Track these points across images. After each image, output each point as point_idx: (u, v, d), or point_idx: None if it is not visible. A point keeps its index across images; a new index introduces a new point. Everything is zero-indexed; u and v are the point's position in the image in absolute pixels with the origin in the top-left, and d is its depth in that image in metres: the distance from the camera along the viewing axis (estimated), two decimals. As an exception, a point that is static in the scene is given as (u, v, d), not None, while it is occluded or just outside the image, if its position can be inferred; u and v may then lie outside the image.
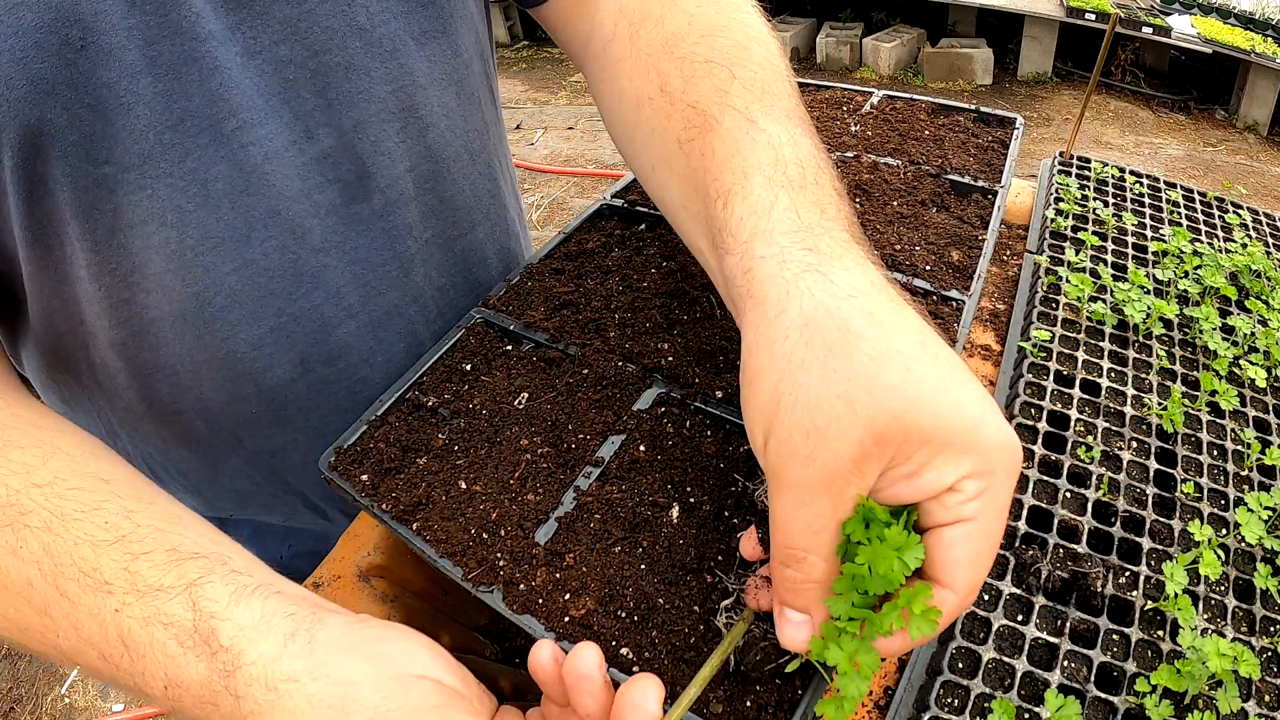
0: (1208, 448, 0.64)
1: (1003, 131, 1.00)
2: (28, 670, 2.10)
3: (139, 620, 0.43)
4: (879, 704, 0.51)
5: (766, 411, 0.40)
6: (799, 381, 0.39)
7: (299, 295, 0.66)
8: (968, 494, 0.39)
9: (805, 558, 0.40)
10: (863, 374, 0.38)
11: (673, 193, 0.56)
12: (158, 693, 0.43)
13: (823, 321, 0.40)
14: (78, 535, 0.45)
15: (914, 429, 0.37)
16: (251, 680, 0.41)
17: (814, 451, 0.38)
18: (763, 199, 0.46)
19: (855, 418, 0.37)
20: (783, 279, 0.42)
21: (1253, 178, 4.26)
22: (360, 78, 0.63)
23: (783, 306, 0.41)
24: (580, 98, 5.50)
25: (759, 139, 0.50)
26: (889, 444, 0.37)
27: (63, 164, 0.52)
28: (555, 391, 0.64)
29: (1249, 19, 4.89)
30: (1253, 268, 0.82)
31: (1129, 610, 0.53)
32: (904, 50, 5.47)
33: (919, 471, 0.38)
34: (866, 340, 0.39)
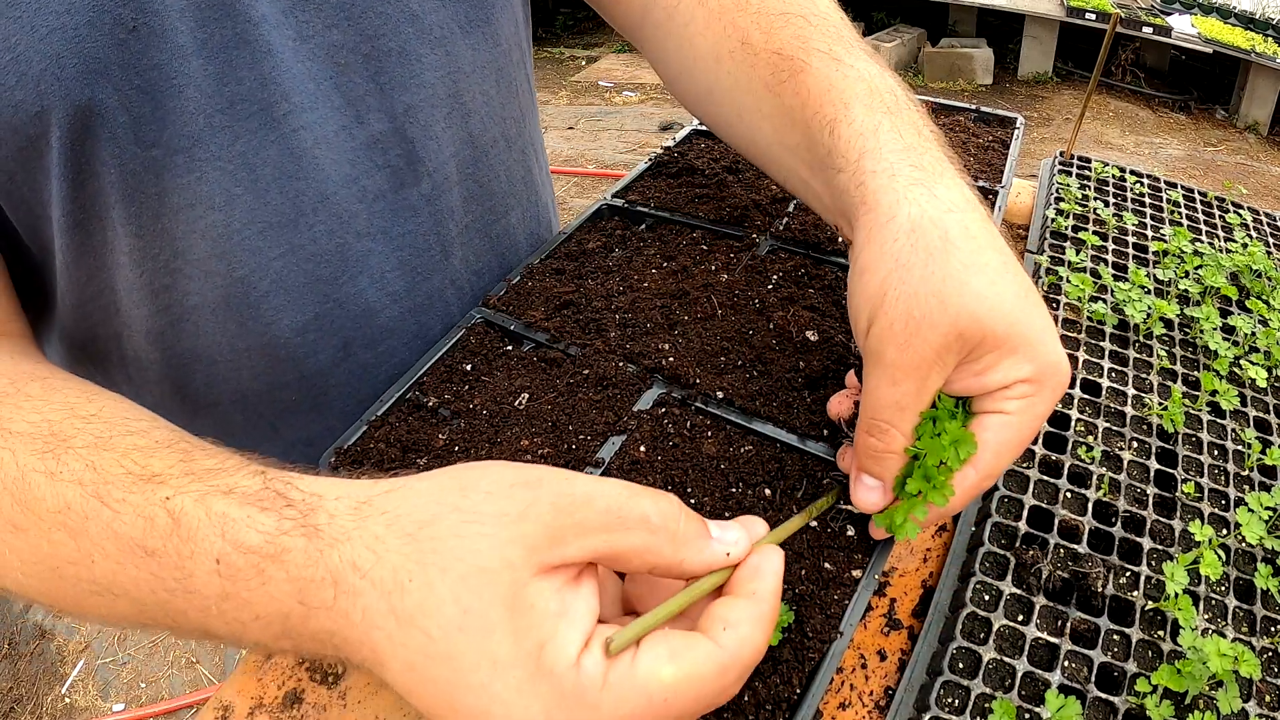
0: (1208, 448, 0.64)
1: (1003, 131, 1.00)
2: (27, 670, 2.10)
3: (194, 497, 0.39)
4: (879, 704, 0.51)
5: (873, 301, 0.46)
6: (903, 278, 0.45)
7: (344, 280, 0.67)
8: (1015, 394, 0.46)
9: (888, 430, 0.46)
10: (956, 278, 0.44)
11: (764, 133, 0.62)
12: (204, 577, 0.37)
13: (927, 229, 0.46)
14: (127, 446, 0.42)
15: (989, 333, 0.44)
16: (336, 512, 0.37)
17: (910, 339, 0.44)
18: (867, 123, 0.52)
19: (945, 314, 0.44)
20: (893, 189, 0.48)
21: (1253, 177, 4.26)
22: (413, 63, 0.64)
23: (893, 213, 0.47)
24: (580, 97, 5.50)
25: (849, 74, 0.56)
26: (969, 342, 0.44)
27: (111, 145, 0.52)
28: (556, 392, 0.64)
29: (1249, 19, 4.89)
30: (1253, 268, 0.82)
31: (1130, 610, 0.53)
32: (904, 50, 5.47)
33: (986, 371, 0.46)
34: (961, 250, 0.45)
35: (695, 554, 0.38)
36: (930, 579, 0.58)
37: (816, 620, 0.48)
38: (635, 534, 0.36)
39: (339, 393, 0.73)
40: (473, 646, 0.33)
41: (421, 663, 0.34)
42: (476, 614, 0.33)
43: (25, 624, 2.21)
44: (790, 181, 0.62)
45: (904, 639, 0.54)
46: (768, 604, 0.38)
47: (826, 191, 0.55)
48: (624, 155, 4.54)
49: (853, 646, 0.54)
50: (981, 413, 0.47)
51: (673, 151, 0.98)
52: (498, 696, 0.33)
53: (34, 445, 0.42)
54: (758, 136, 0.63)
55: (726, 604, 0.38)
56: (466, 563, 0.34)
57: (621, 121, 5.00)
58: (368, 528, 0.36)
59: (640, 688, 0.34)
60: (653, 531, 0.36)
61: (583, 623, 0.35)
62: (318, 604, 0.36)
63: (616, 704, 0.33)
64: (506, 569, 0.34)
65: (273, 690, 0.53)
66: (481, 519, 0.35)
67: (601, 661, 0.34)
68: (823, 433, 0.59)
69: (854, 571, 0.51)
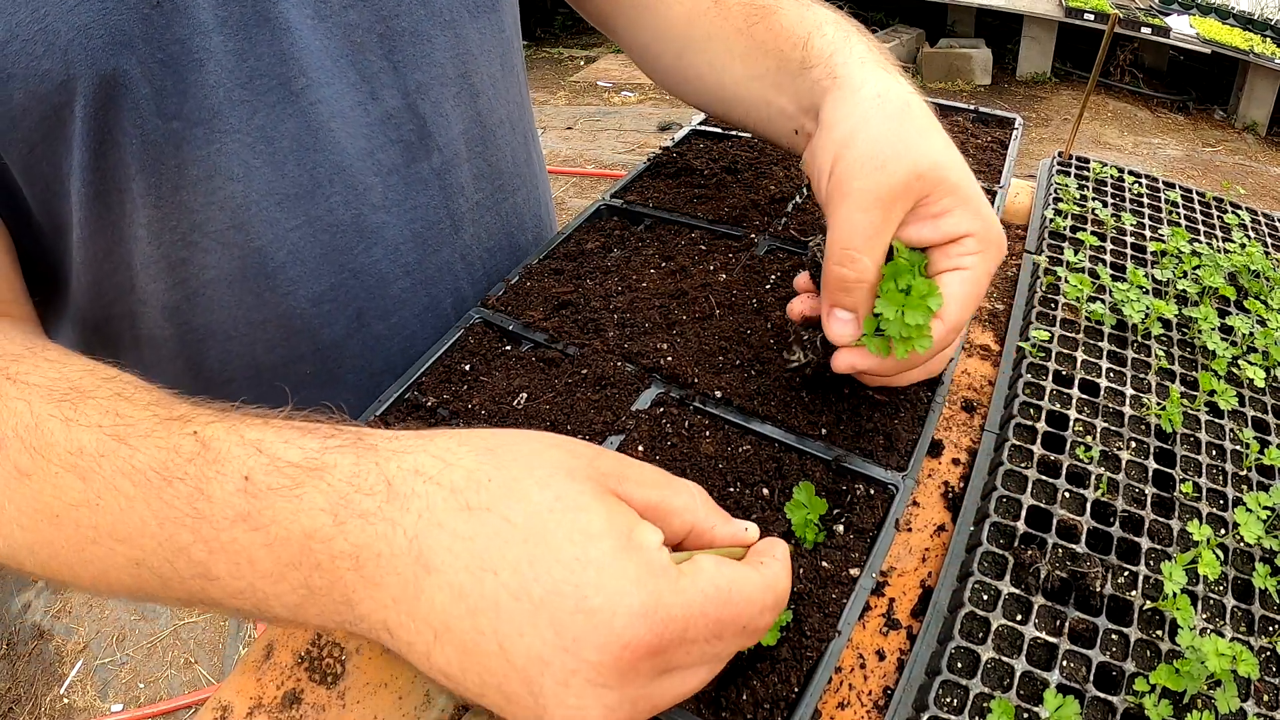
0: (1206, 448, 0.64)
1: (1001, 132, 1.00)
2: (26, 670, 2.10)
3: (226, 426, 0.39)
4: (878, 704, 0.51)
5: (840, 143, 0.53)
6: (870, 128, 0.53)
7: (359, 251, 0.68)
8: (967, 249, 0.53)
9: (859, 258, 0.51)
10: (916, 135, 0.52)
11: (734, 71, 0.70)
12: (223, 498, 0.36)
13: (891, 96, 0.55)
14: (149, 399, 0.42)
15: (945, 178, 0.51)
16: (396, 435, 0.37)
17: (876, 171, 0.50)
18: (837, 36, 0.62)
19: (908, 157, 0.51)
20: (863, 71, 0.58)
21: (1251, 178, 4.27)
22: (424, 43, 0.67)
23: (862, 84, 0.56)
24: (579, 98, 5.50)
25: (818, 10, 0.67)
26: (927, 182, 0.51)
27: (133, 116, 0.53)
28: (554, 392, 0.64)
29: (1248, 19, 4.90)
30: (1251, 268, 0.82)
31: (1128, 610, 0.53)
32: (903, 50, 5.47)
33: (942, 215, 0.52)
34: (917, 119, 0.54)
35: (724, 523, 0.42)
36: (929, 579, 0.58)
37: (815, 619, 0.48)
38: (683, 496, 0.40)
39: (352, 365, 0.74)
40: (565, 522, 0.34)
41: (496, 550, 0.33)
42: (568, 498, 0.35)
43: (24, 624, 2.21)
44: (754, 111, 0.70)
45: (903, 639, 0.54)
46: (784, 566, 0.41)
47: (794, 98, 0.64)
48: (622, 155, 4.54)
49: (851, 646, 0.54)
50: (941, 271, 0.53)
51: (671, 152, 0.98)
52: (593, 562, 0.33)
53: (52, 395, 0.42)
54: (726, 77, 0.71)
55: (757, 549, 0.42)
56: (551, 466, 0.36)
57: (620, 121, 5.00)
58: (436, 442, 0.37)
59: (709, 580, 0.36)
60: (695, 496, 0.41)
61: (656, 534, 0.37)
62: (356, 513, 0.34)
63: (694, 584, 0.35)
64: (591, 474, 0.37)
65: (271, 690, 0.53)
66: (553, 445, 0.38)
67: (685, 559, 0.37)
68: (820, 432, 0.59)
69: (852, 570, 0.51)
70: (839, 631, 0.48)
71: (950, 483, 0.64)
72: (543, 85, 5.76)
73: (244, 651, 0.57)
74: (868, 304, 0.53)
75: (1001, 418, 0.67)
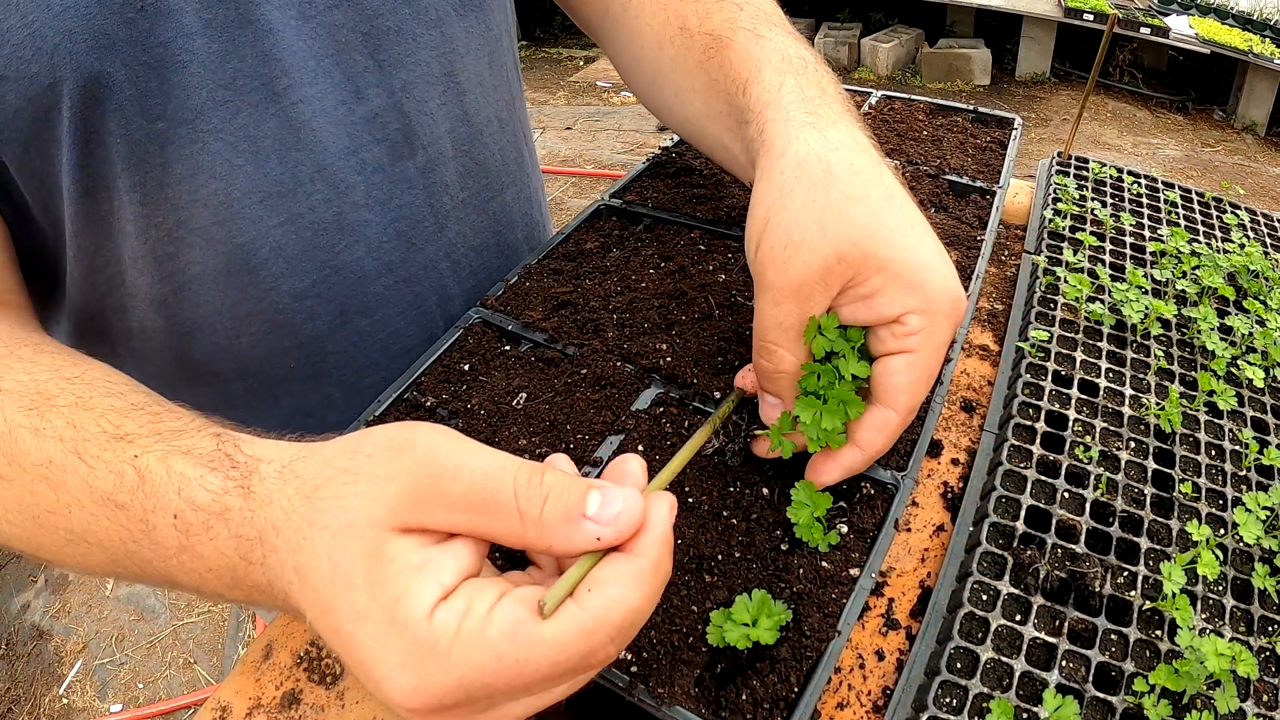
0: (1206, 448, 0.64)
1: (1001, 132, 1.00)
2: (25, 671, 2.10)
3: (158, 456, 0.42)
4: (877, 704, 0.51)
5: (758, 227, 0.50)
6: (785, 205, 0.49)
7: (342, 248, 0.69)
8: (911, 328, 0.49)
9: (775, 350, 0.50)
10: (835, 207, 0.48)
11: (695, 106, 0.68)
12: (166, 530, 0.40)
13: (811, 163, 0.50)
14: (104, 408, 0.45)
15: (870, 255, 0.47)
16: (269, 474, 0.40)
17: (789, 261, 0.48)
18: (773, 82, 0.58)
19: (825, 238, 0.47)
20: (787, 132, 0.53)
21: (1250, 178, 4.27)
22: (409, 42, 0.67)
23: (783, 151, 0.52)
24: (578, 98, 5.50)
25: (766, 46, 0.62)
26: (849, 264, 0.47)
27: (118, 116, 0.55)
28: (553, 392, 0.64)
29: (1247, 19, 4.90)
30: (1250, 268, 0.82)
31: (1127, 610, 0.53)
32: (902, 51, 5.48)
33: (873, 296, 0.48)
34: (843, 182, 0.49)
35: (562, 539, 0.36)
36: (928, 579, 0.58)
37: (814, 619, 0.48)
38: (498, 521, 0.35)
39: (336, 360, 0.75)
40: (342, 599, 0.34)
41: (317, 615, 0.36)
42: (343, 569, 0.35)
43: (23, 624, 2.21)
44: (716, 151, 0.69)
45: (902, 639, 0.54)
46: (647, 559, 0.36)
47: (741, 147, 0.61)
48: (622, 155, 4.54)
49: (850, 646, 0.54)
50: (886, 355, 0.50)
51: (670, 152, 0.98)
52: (362, 645, 0.34)
53: (21, 402, 0.45)
54: (689, 111, 0.69)
55: (605, 563, 0.36)
56: (339, 520, 0.35)
57: (619, 122, 5.00)
58: (284, 490, 0.38)
59: (491, 644, 0.33)
60: (518, 517, 0.35)
61: (443, 576, 0.34)
62: (255, 560, 0.38)
63: (465, 656, 0.33)
64: (369, 525, 0.35)
65: (270, 691, 0.52)
66: (359, 479, 0.36)
67: (459, 613, 0.33)
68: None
69: (852, 570, 0.51)
70: (838, 631, 0.48)
71: (949, 483, 0.64)
72: (542, 85, 5.76)
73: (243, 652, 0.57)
74: (790, 392, 0.52)
75: (1001, 418, 0.67)
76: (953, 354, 0.65)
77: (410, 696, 0.33)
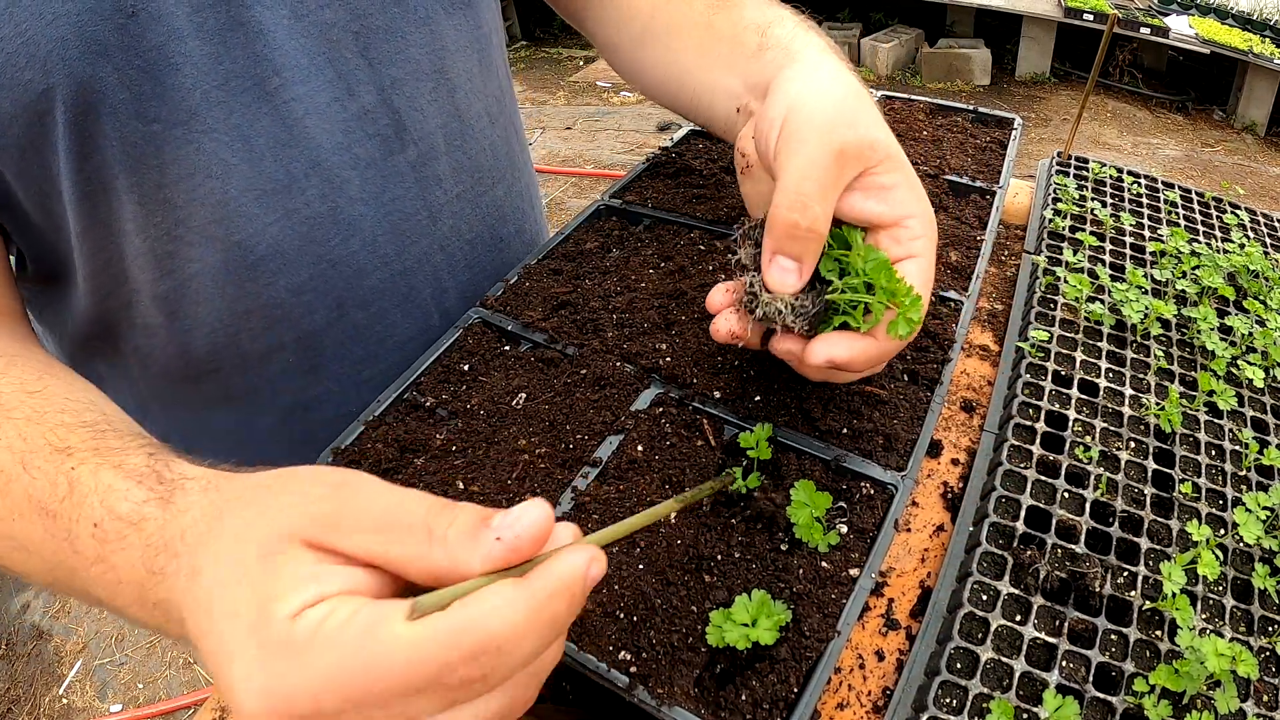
0: (1206, 448, 0.64)
1: (1001, 132, 1.00)
2: (25, 671, 2.10)
3: (91, 468, 0.44)
4: (876, 704, 0.51)
5: (795, 101, 0.54)
6: (826, 96, 0.54)
7: (337, 243, 0.70)
8: (915, 232, 0.53)
9: (811, 205, 0.50)
10: (868, 114, 0.55)
11: (685, 62, 0.73)
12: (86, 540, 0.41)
13: (848, 78, 0.58)
14: (55, 423, 0.48)
15: (892, 153, 0.53)
16: (192, 488, 0.41)
17: (831, 129, 0.51)
18: (798, 29, 0.66)
19: (862, 126, 0.53)
20: (820, 56, 0.61)
21: (1250, 178, 4.27)
22: (399, 40, 0.69)
23: (819, 63, 0.59)
24: (578, 98, 5.50)
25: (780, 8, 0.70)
26: (879, 152, 0.52)
27: (112, 120, 0.56)
28: (553, 392, 0.64)
29: (1247, 19, 4.90)
30: (1250, 268, 0.82)
31: (1127, 610, 0.53)
32: (902, 51, 5.47)
33: (890, 190, 0.53)
34: (865, 103, 0.56)
35: (465, 554, 0.34)
36: (928, 579, 0.58)
37: (814, 619, 0.48)
38: (406, 541, 0.35)
39: (333, 353, 0.76)
40: (223, 596, 0.35)
41: (197, 618, 0.36)
42: (234, 566, 0.35)
43: (23, 625, 2.21)
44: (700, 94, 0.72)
45: (902, 639, 0.54)
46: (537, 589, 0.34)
47: (743, 78, 0.66)
48: (621, 155, 4.54)
49: (850, 646, 0.53)
50: (896, 260, 0.53)
51: (670, 152, 0.98)
52: (225, 643, 0.34)
53: None
54: (676, 67, 0.74)
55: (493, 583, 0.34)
56: (245, 523, 0.36)
57: (619, 121, 5.00)
58: (201, 501, 0.40)
59: (344, 642, 0.32)
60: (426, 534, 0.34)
61: (326, 587, 0.33)
62: (157, 569, 0.39)
63: (319, 655, 0.31)
64: (274, 530, 0.35)
65: (270, 691, 0.52)
66: (279, 494, 0.37)
67: (324, 613, 0.32)
68: (819, 431, 0.59)
69: (851, 570, 0.51)
70: (838, 632, 0.47)
71: (949, 483, 0.64)
72: (542, 85, 5.76)
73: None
74: (813, 257, 0.51)
75: (1000, 418, 0.67)
76: (952, 354, 0.65)
77: (260, 699, 0.32)
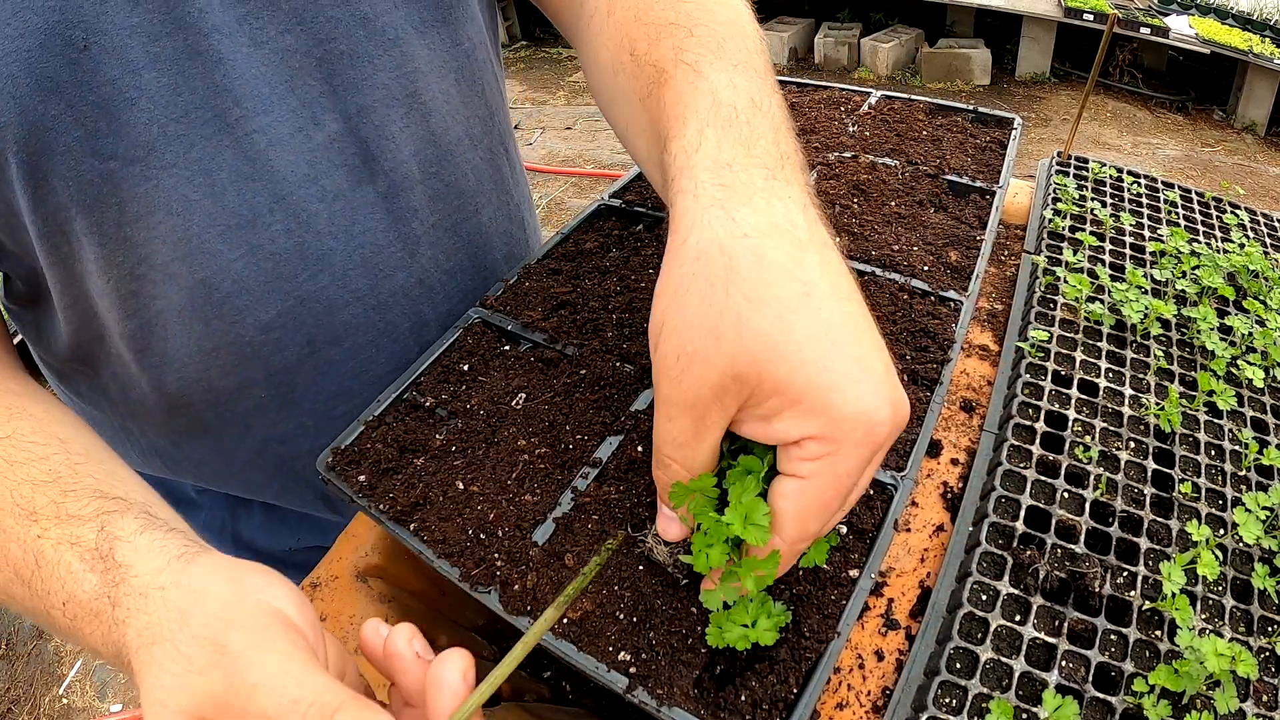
0: (1205, 448, 0.64)
1: (1001, 132, 1.00)
2: (25, 671, 2.10)
3: (53, 543, 0.46)
4: (876, 704, 0.51)
5: (655, 330, 0.44)
6: (680, 308, 0.42)
7: (305, 279, 0.68)
8: (807, 454, 0.41)
9: (670, 464, 0.45)
10: (734, 313, 0.40)
11: (640, 147, 0.60)
12: (58, 612, 0.45)
13: (713, 256, 0.42)
14: (21, 478, 0.49)
15: (768, 376, 0.40)
16: (131, 590, 0.43)
17: (681, 375, 0.41)
18: (692, 139, 0.48)
19: (720, 352, 0.40)
20: (693, 212, 0.44)
21: (1250, 178, 4.27)
22: (364, 65, 0.65)
23: (685, 237, 0.43)
24: (578, 98, 5.50)
25: (700, 87, 0.51)
26: (745, 384, 0.41)
27: (66, 159, 0.54)
28: (553, 392, 0.64)
29: (1247, 19, 4.90)
30: (1250, 268, 0.82)
31: (1127, 610, 0.53)
32: (902, 50, 5.47)
33: (771, 418, 0.42)
34: (747, 282, 0.41)
35: None
36: (928, 579, 0.58)
37: (814, 620, 0.48)
38: None
39: (306, 390, 0.74)
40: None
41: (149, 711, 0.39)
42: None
43: (23, 625, 2.21)
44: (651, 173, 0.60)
45: (901, 639, 0.54)
46: None
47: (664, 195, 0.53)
48: (622, 155, 4.53)
49: (850, 646, 0.53)
50: (781, 474, 0.43)
51: (670, 151, 0.97)
52: None
53: None
54: (637, 150, 0.62)
55: None
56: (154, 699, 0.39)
57: (620, 122, 5.00)
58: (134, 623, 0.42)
59: None
60: None
61: None
62: (124, 660, 0.43)
63: None
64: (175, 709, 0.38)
65: (269, 691, 0.52)
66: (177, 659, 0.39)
67: None
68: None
69: (851, 571, 0.51)
70: (838, 633, 0.47)
71: (949, 483, 0.64)
72: (542, 85, 5.76)
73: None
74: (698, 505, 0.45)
75: (1000, 418, 0.67)
76: (951, 355, 0.65)
77: None
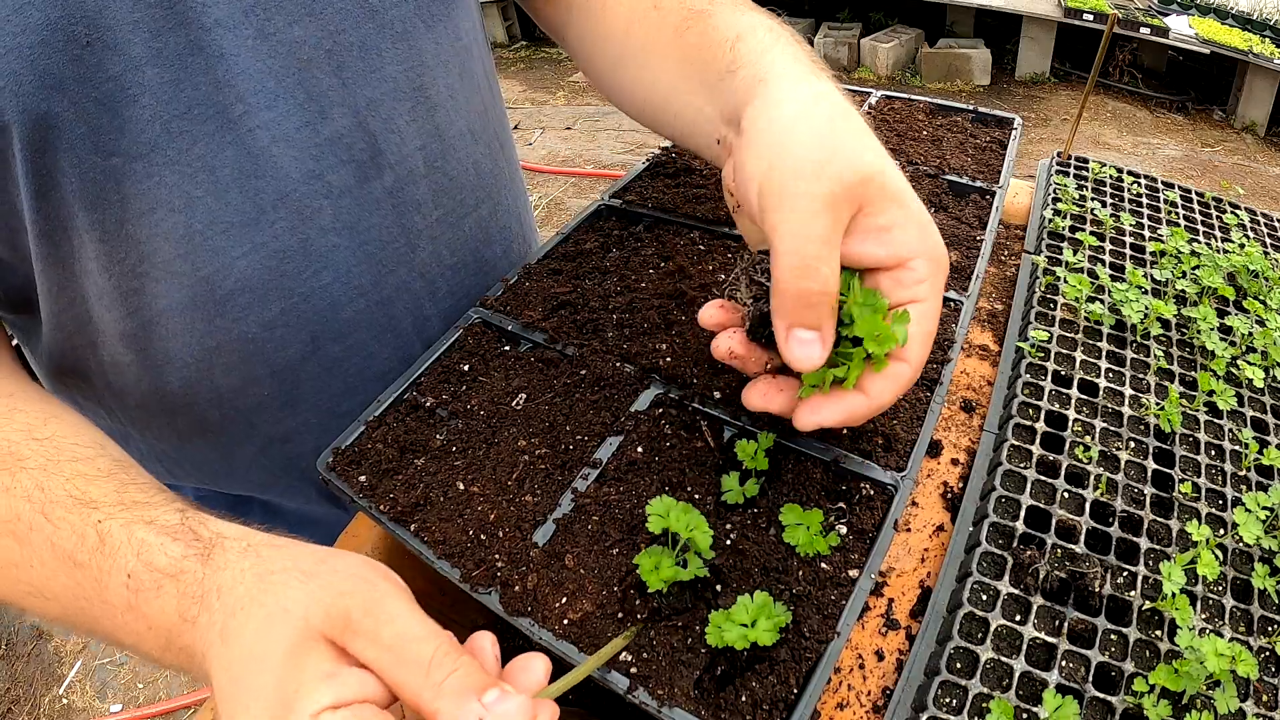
0: (1205, 448, 0.64)
1: (1001, 132, 1.00)
2: (25, 671, 2.10)
3: (121, 523, 0.46)
4: (876, 704, 0.51)
5: (773, 148, 0.48)
6: (804, 130, 0.48)
7: (308, 275, 0.68)
8: (919, 274, 0.48)
9: (819, 268, 0.45)
10: (854, 140, 0.48)
11: (664, 80, 0.66)
12: (116, 589, 0.44)
13: (830, 98, 0.51)
14: (71, 472, 0.49)
15: (887, 185, 0.47)
16: (231, 548, 0.44)
17: (819, 173, 0.46)
18: (767, 39, 0.58)
19: (848, 161, 0.46)
20: (795, 73, 0.53)
21: (1250, 178, 4.27)
22: (374, 57, 0.65)
23: (798, 83, 0.52)
24: (578, 98, 5.50)
25: (749, 15, 0.63)
26: (872, 187, 0.47)
27: (69, 155, 0.54)
28: (553, 392, 0.64)
29: (1247, 19, 4.89)
30: (1250, 268, 0.82)
31: (1127, 610, 0.53)
32: (902, 51, 5.47)
33: (890, 229, 0.48)
34: (850, 127, 0.49)
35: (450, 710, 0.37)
36: (928, 579, 0.58)
37: (814, 620, 0.48)
38: (407, 669, 0.38)
39: (310, 387, 0.74)
40: (252, 677, 0.38)
41: (223, 681, 0.40)
42: (263, 649, 0.39)
43: (23, 625, 2.21)
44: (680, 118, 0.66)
45: (901, 639, 0.54)
46: None
47: (717, 105, 0.59)
48: (622, 155, 4.53)
49: (850, 646, 0.54)
50: (896, 304, 0.48)
51: (670, 152, 0.98)
52: None
53: None
54: (657, 89, 0.68)
55: None
56: (278, 604, 0.40)
57: (619, 121, 5.00)
58: (241, 563, 0.43)
59: None
60: (425, 673, 0.38)
61: (344, 691, 0.38)
62: (189, 618, 0.42)
63: None
64: (303, 621, 0.39)
65: (270, 691, 0.52)
66: (312, 579, 0.41)
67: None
68: (819, 432, 0.59)
69: (851, 571, 0.51)
70: (838, 633, 0.47)
71: (949, 483, 0.64)
72: (542, 85, 5.76)
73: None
74: (832, 320, 0.47)
75: (1000, 418, 0.67)
76: (952, 354, 0.65)
77: None
